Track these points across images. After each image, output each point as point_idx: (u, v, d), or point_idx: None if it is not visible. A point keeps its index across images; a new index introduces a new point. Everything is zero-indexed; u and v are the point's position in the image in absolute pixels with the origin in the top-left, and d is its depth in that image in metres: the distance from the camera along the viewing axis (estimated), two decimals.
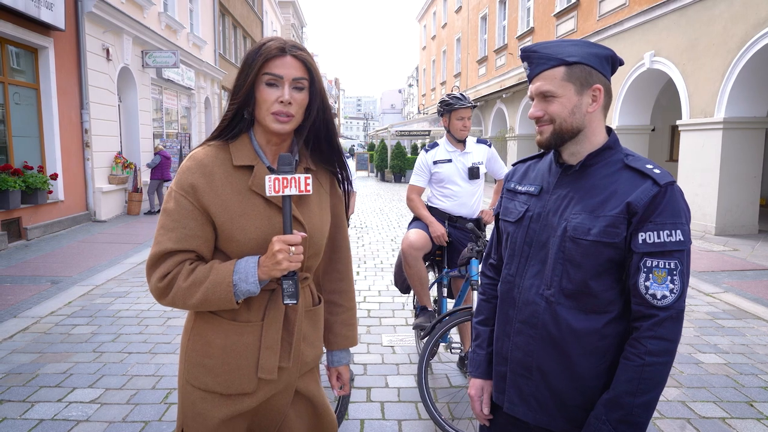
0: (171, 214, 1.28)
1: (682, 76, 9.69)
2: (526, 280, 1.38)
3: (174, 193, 1.30)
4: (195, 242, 1.29)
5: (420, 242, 3.35)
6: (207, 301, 1.26)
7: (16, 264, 6.62)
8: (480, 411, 1.55)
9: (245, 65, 1.30)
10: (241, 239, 1.30)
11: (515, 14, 18.81)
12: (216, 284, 1.25)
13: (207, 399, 1.36)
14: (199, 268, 1.28)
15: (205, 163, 1.31)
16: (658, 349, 1.21)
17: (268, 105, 1.30)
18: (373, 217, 11.72)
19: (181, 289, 1.26)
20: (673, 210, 1.22)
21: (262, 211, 1.32)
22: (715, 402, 3.26)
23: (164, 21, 13.44)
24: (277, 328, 1.37)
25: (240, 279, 1.26)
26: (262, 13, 28.74)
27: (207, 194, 1.28)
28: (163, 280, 1.27)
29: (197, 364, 1.36)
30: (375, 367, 3.76)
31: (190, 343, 1.38)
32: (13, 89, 8.23)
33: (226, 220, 1.29)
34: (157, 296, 1.29)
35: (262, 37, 31.81)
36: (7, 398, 3.23)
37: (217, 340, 1.34)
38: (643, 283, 1.22)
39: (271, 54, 1.28)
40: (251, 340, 1.34)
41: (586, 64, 1.28)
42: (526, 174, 1.50)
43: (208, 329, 1.35)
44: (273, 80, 1.29)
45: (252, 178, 1.32)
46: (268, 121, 1.31)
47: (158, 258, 1.28)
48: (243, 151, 1.34)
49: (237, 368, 1.34)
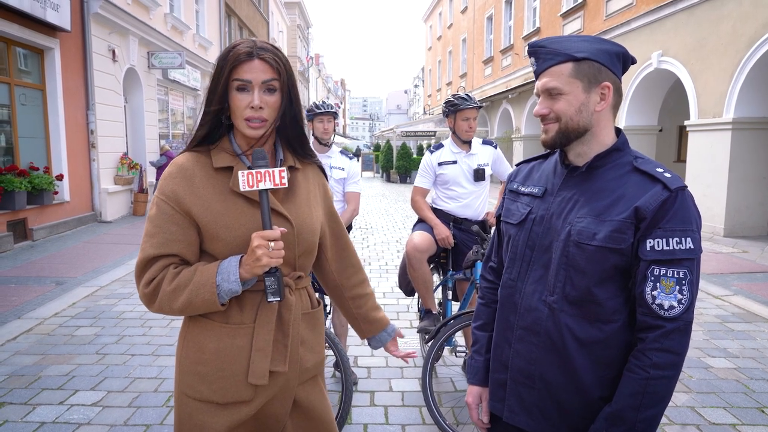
0: (153, 220, 1.29)
1: (690, 76, 9.59)
2: (528, 285, 1.33)
3: (156, 199, 1.30)
4: (177, 246, 1.28)
5: (424, 244, 3.31)
6: (192, 303, 1.25)
7: (22, 264, 6.63)
8: (478, 419, 1.51)
9: (216, 72, 1.29)
10: (226, 238, 1.29)
11: (521, 14, 18.72)
12: (200, 286, 1.24)
13: (204, 410, 1.33)
14: (183, 272, 1.27)
15: (185, 167, 1.31)
16: (664, 362, 1.16)
17: (240, 111, 1.29)
18: (378, 218, 11.68)
19: (166, 294, 1.25)
20: (684, 216, 1.17)
21: (245, 209, 1.31)
22: (725, 408, 3.20)
23: (170, 22, 13.46)
24: (269, 329, 1.33)
25: (222, 279, 1.24)
26: (268, 14, 28.78)
27: (188, 197, 1.28)
28: (148, 285, 1.27)
29: (191, 373, 1.33)
30: (379, 370, 3.72)
31: (183, 350, 1.36)
32: (20, 90, 8.25)
33: (209, 220, 1.29)
34: (146, 302, 1.29)
35: (267, 38, 31.74)
36: (9, 400, 3.22)
37: (210, 344, 1.31)
38: (650, 292, 1.17)
39: (240, 59, 1.26)
40: (244, 343, 1.32)
41: (596, 61, 1.23)
42: (529, 175, 1.44)
43: (200, 334, 1.33)
44: (243, 85, 1.28)
45: (232, 179, 1.31)
46: (242, 127, 1.31)
47: (143, 265, 1.28)
48: (222, 153, 1.34)
49: (231, 374, 1.31)
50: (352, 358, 3.90)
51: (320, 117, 3.51)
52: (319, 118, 3.52)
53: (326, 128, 3.53)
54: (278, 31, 33.66)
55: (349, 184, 3.58)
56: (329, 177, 3.51)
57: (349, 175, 3.57)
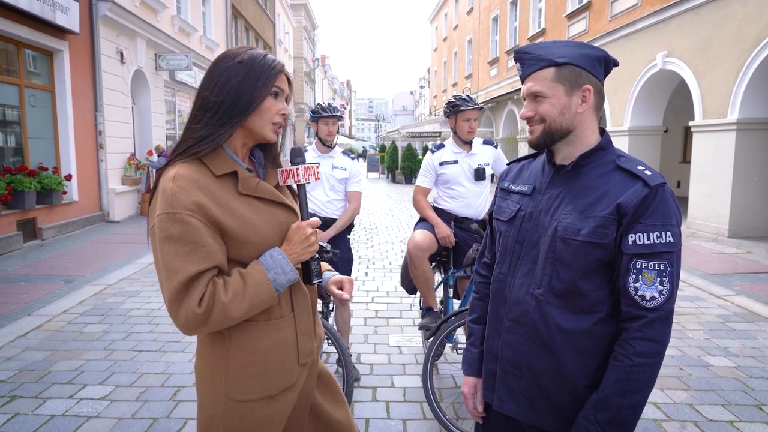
0: (182, 238, 1.20)
1: (695, 76, 9.59)
2: (517, 279, 1.40)
3: (177, 215, 1.20)
4: (218, 257, 1.24)
5: (425, 243, 3.37)
6: (253, 306, 1.26)
7: (31, 263, 6.74)
8: (473, 408, 1.57)
9: (253, 73, 1.31)
10: (256, 240, 1.30)
11: (526, 15, 18.74)
12: (257, 286, 1.26)
13: (257, 408, 1.35)
14: (231, 280, 1.26)
15: (195, 178, 1.25)
16: (647, 350, 1.22)
17: (270, 115, 1.35)
18: (383, 219, 11.74)
19: (225, 305, 1.22)
20: (664, 212, 1.22)
21: (264, 209, 1.35)
22: (724, 405, 3.23)
23: (177, 24, 13.59)
24: (308, 312, 1.44)
25: (276, 273, 1.29)
26: (275, 16, 28.92)
27: (212, 207, 1.24)
28: (201, 305, 1.19)
29: (243, 377, 1.33)
30: (381, 367, 3.78)
31: (229, 359, 1.32)
32: (30, 92, 8.38)
33: (239, 225, 1.27)
34: (196, 325, 1.20)
35: (274, 40, 31.53)
36: (20, 394, 3.30)
37: (261, 343, 1.34)
38: (632, 284, 1.23)
39: (282, 70, 1.36)
40: (289, 333, 1.38)
41: (576, 65, 1.30)
42: (520, 173, 1.52)
43: (248, 338, 1.33)
44: (277, 92, 1.36)
45: (240, 183, 1.31)
46: (266, 131, 1.36)
47: (185, 286, 1.19)
48: (219, 160, 1.31)
49: (281, 364, 1.36)
50: (355, 355, 3.96)
51: (325, 119, 3.57)
52: (324, 121, 3.58)
53: (330, 131, 3.59)
54: (284, 33, 33.79)
55: (351, 184, 3.64)
56: (330, 176, 3.58)
57: (351, 175, 3.63)
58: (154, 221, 1.23)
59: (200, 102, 1.33)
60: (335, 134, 3.63)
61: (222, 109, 1.30)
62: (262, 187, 1.35)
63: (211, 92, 1.31)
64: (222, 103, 1.30)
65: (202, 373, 1.37)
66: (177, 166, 1.28)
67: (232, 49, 1.38)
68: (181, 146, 1.32)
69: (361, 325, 4.66)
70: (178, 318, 1.20)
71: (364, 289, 5.87)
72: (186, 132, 1.34)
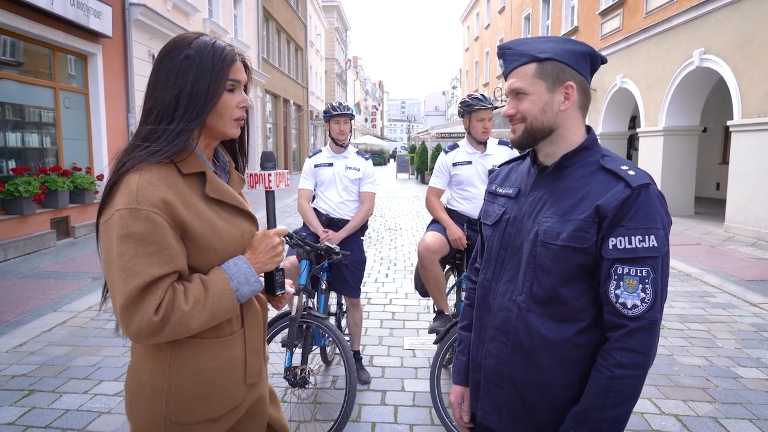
0: (144, 237, 1.09)
1: (734, 74, 9.20)
2: (501, 285, 1.33)
3: (142, 212, 1.09)
4: (181, 261, 1.14)
5: (436, 245, 3.30)
6: (213, 317, 1.17)
7: (63, 260, 6.95)
8: (460, 418, 1.50)
9: (204, 71, 1.19)
10: (218, 247, 1.21)
11: (559, 13, 18.37)
12: (219, 295, 1.17)
13: (199, 430, 1.25)
14: (192, 287, 1.15)
15: (163, 174, 1.15)
16: (628, 361, 1.14)
17: (230, 111, 1.24)
18: (409, 220, 11.68)
19: (184, 314, 1.11)
20: (647, 214, 1.14)
21: (227, 216, 1.27)
22: (751, 419, 3.06)
23: (209, 27, 13.85)
24: (258, 329, 1.35)
25: (240, 282, 1.20)
26: (306, 18, 29.21)
27: (180, 207, 1.14)
28: (158, 312, 1.09)
29: (188, 399, 1.22)
30: (393, 370, 3.73)
31: (173, 379, 1.20)
32: (64, 94, 8.66)
33: (204, 229, 1.18)
34: (149, 334, 1.09)
35: (305, 41, 31.68)
36: (39, 388, 3.39)
37: (207, 363, 1.22)
38: (613, 291, 1.15)
39: (234, 59, 1.24)
40: (238, 351, 1.29)
41: (559, 61, 1.23)
42: (507, 176, 1.45)
43: (193, 357, 1.21)
44: (233, 86, 1.24)
45: (208, 184, 1.23)
46: (228, 127, 1.26)
47: (142, 290, 1.08)
48: (187, 158, 1.21)
49: (228, 385, 1.27)
50: (368, 357, 3.92)
51: (336, 118, 3.54)
52: (335, 120, 3.55)
53: (342, 129, 3.55)
54: (316, 34, 34.10)
55: (365, 184, 3.59)
56: (344, 177, 3.54)
57: (364, 176, 3.59)
58: (110, 215, 1.12)
59: (150, 105, 1.20)
60: (347, 133, 3.59)
61: (177, 116, 1.18)
62: (228, 193, 1.28)
63: (159, 96, 1.19)
64: (176, 109, 1.18)
65: (135, 394, 1.23)
66: (147, 166, 1.16)
67: (177, 38, 1.24)
68: (137, 155, 1.17)
69: (376, 327, 4.61)
70: (129, 325, 1.08)
71: (383, 290, 5.82)
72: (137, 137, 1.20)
